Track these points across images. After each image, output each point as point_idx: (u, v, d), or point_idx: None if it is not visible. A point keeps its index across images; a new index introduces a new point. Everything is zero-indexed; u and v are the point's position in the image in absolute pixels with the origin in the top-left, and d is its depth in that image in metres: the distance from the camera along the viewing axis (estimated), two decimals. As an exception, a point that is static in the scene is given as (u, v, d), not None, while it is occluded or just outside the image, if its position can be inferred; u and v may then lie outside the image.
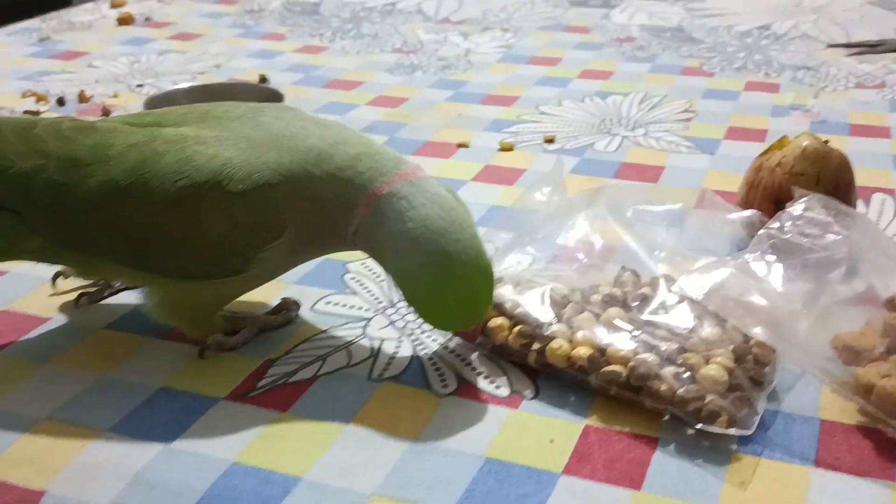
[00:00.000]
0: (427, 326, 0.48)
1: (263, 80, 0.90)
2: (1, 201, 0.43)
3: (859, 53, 0.99)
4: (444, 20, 1.15)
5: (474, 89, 0.90)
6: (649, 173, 0.69)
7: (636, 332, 0.43)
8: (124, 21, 1.11)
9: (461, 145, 0.75)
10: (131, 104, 0.84)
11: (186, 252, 0.42)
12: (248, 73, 0.94)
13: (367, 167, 0.42)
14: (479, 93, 0.89)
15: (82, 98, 0.84)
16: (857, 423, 0.41)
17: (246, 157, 0.42)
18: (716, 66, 0.95)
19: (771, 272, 0.46)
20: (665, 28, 1.10)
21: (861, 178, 0.67)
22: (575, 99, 0.86)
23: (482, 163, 0.72)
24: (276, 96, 0.70)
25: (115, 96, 0.86)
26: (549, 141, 0.76)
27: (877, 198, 0.64)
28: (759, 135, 0.76)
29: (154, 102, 0.71)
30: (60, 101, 0.84)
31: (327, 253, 0.48)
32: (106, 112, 0.81)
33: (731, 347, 0.42)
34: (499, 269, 0.51)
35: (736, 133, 0.77)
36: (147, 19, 1.14)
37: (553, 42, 1.06)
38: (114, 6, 1.19)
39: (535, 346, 0.44)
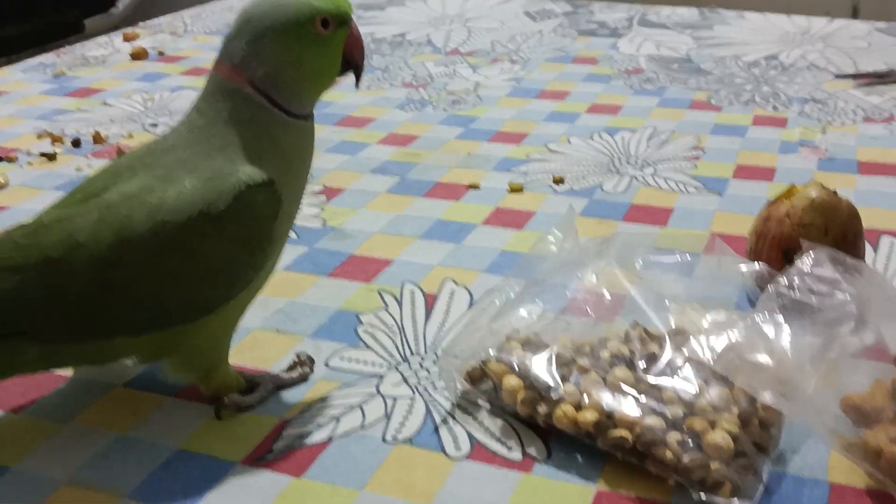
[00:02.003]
0: (439, 383, 0.49)
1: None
2: None
3: (867, 84, 1.00)
4: (454, 51, 1.16)
5: (484, 125, 0.91)
6: (658, 216, 0.70)
7: (642, 397, 0.43)
8: (138, 56, 1.12)
9: (471, 186, 0.76)
10: (145, 145, 0.85)
11: (198, 288, 0.43)
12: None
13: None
14: (488, 129, 0.90)
15: (97, 139, 0.85)
16: (867, 486, 0.42)
17: (204, 177, 0.42)
18: (723, 99, 0.96)
19: (780, 332, 0.46)
20: (673, 59, 1.11)
21: (869, 220, 0.67)
22: (583, 135, 0.87)
23: (492, 205, 0.73)
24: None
25: (130, 136, 0.87)
26: (559, 181, 0.76)
27: (885, 241, 0.65)
28: (768, 174, 0.77)
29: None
30: (76, 143, 0.85)
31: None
32: (121, 153, 0.82)
33: (737, 411, 0.43)
34: (509, 323, 0.51)
35: (744, 172, 0.77)
36: (160, 53, 1.15)
37: (562, 75, 1.07)
38: (126, 39, 1.21)
39: (543, 409, 0.44)
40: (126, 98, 0.99)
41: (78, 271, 0.41)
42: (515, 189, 0.75)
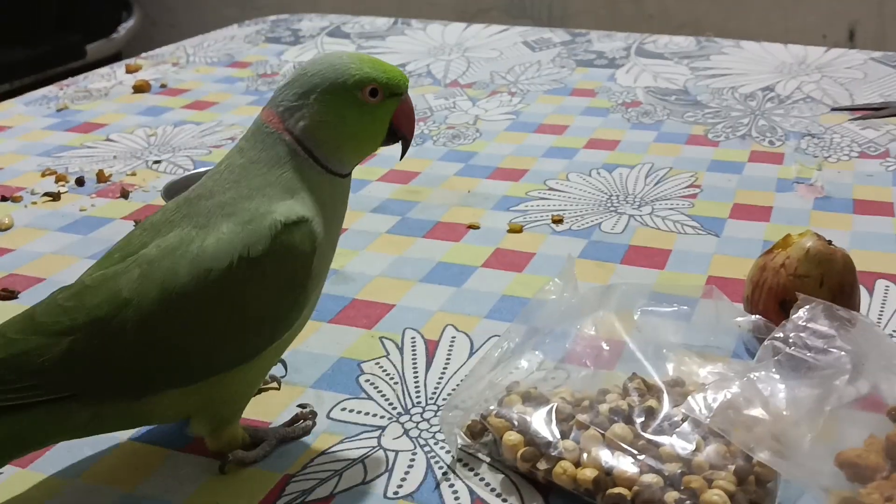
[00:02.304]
0: (440, 436, 0.50)
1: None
2: (45, 394, 0.42)
3: (863, 118, 1.01)
4: (454, 83, 1.18)
5: (483, 161, 0.92)
6: (656, 258, 0.71)
7: (640, 454, 0.44)
8: (140, 89, 1.13)
9: (471, 227, 0.77)
10: (149, 182, 0.86)
11: (244, 334, 0.44)
12: (261, 145, 0.96)
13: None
14: (488, 165, 0.90)
15: (101, 177, 0.86)
16: (862, 542, 0.42)
17: (241, 220, 0.43)
18: (720, 133, 0.97)
19: (776, 387, 0.47)
20: (670, 91, 1.12)
21: (864, 263, 0.68)
22: (582, 172, 0.88)
23: (492, 245, 0.73)
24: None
25: (133, 174, 0.88)
26: (557, 221, 0.77)
27: (880, 285, 0.66)
28: (764, 213, 0.78)
29: (172, 188, 0.73)
30: (80, 182, 0.86)
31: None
32: (124, 193, 0.83)
33: (734, 468, 0.43)
34: (509, 374, 0.52)
35: (741, 211, 0.78)
36: (162, 86, 1.16)
37: (560, 108, 1.08)
38: (129, 71, 1.22)
39: (543, 465, 0.45)
40: (129, 133, 1.00)
41: (126, 328, 0.42)
42: (515, 229, 0.76)
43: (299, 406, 0.52)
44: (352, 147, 0.47)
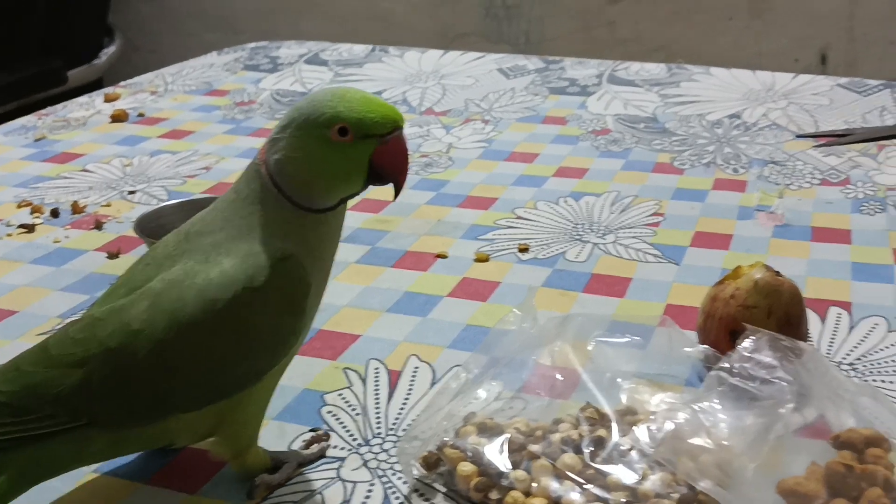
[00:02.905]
0: (398, 466, 0.51)
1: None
2: (63, 423, 0.44)
3: (827, 144, 1.03)
4: (428, 111, 1.20)
5: (454, 189, 0.93)
6: (617, 286, 0.72)
7: (588, 484, 0.45)
8: (118, 118, 1.15)
9: (440, 256, 0.78)
10: (123, 213, 0.88)
11: (249, 358, 0.46)
12: (236, 175, 0.97)
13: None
14: (458, 194, 0.92)
15: (76, 209, 0.87)
16: (800, 569, 0.44)
17: (239, 255, 0.45)
18: (686, 161, 0.99)
19: (721, 416, 0.49)
20: (639, 118, 1.14)
21: (819, 291, 0.71)
22: (550, 200, 0.90)
23: (458, 275, 0.75)
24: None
25: (108, 205, 0.90)
26: (524, 250, 0.79)
27: (832, 312, 0.68)
28: (724, 241, 0.80)
29: (144, 221, 0.74)
30: (55, 213, 0.87)
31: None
32: (98, 224, 0.84)
33: (678, 497, 0.45)
34: (468, 405, 0.54)
35: (702, 239, 0.80)
36: (140, 115, 1.18)
37: (532, 135, 1.10)
38: (108, 100, 1.23)
39: (494, 495, 0.46)
40: (105, 163, 1.01)
41: (137, 357, 0.44)
42: (482, 259, 0.78)
43: (311, 430, 0.54)
44: (322, 185, 0.47)
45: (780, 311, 0.57)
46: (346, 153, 0.46)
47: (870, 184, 0.91)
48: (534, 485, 0.46)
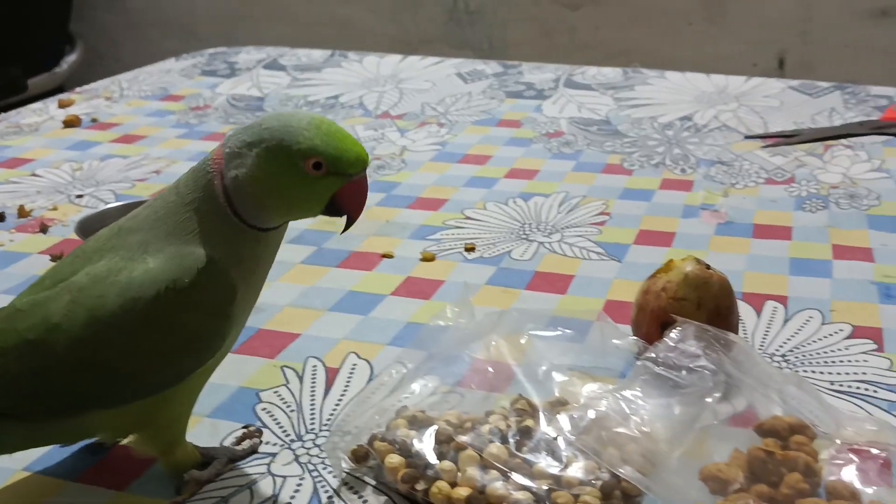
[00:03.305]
0: (329, 461, 0.51)
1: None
2: None
3: (774, 145, 1.05)
4: (384, 114, 1.20)
5: (405, 192, 0.94)
6: (559, 283, 0.73)
7: (513, 473, 0.46)
8: (70, 123, 1.14)
9: (385, 256, 0.79)
10: (69, 216, 0.87)
11: (170, 359, 0.46)
12: (187, 178, 0.97)
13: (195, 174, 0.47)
14: (409, 195, 0.93)
15: (21, 213, 0.87)
16: (720, 553, 0.45)
17: (166, 256, 0.45)
18: (635, 162, 1.00)
19: (644, 405, 0.49)
20: (593, 121, 1.15)
21: (757, 285, 0.72)
22: (499, 201, 0.91)
23: (403, 274, 0.75)
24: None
25: (55, 209, 0.89)
26: (470, 249, 0.80)
27: (769, 306, 0.69)
28: (667, 238, 0.81)
29: (87, 223, 0.74)
30: (1, 217, 0.86)
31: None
32: (43, 228, 0.84)
33: (600, 484, 0.45)
34: (403, 399, 0.54)
35: (645, 237, 0.81)
36: (93, 120, 1.17)
37: (486, 138, 1.10)
38: (62, 106, 1.23)
39: (421, 486, 0.47)
40: (55, 168, 1.01)
41: (56, 351, 0.44)
42: (427, 258, 0.78)
43: (244, 427, 0.54)
44: (279, 210, 0.46)
45: (709, 303, 0.58)
46: (314, 186, 0.46)
47: (814, 182, 0.93)
48: (459, 475, 0.47)
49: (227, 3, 2.30)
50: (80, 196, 0.92)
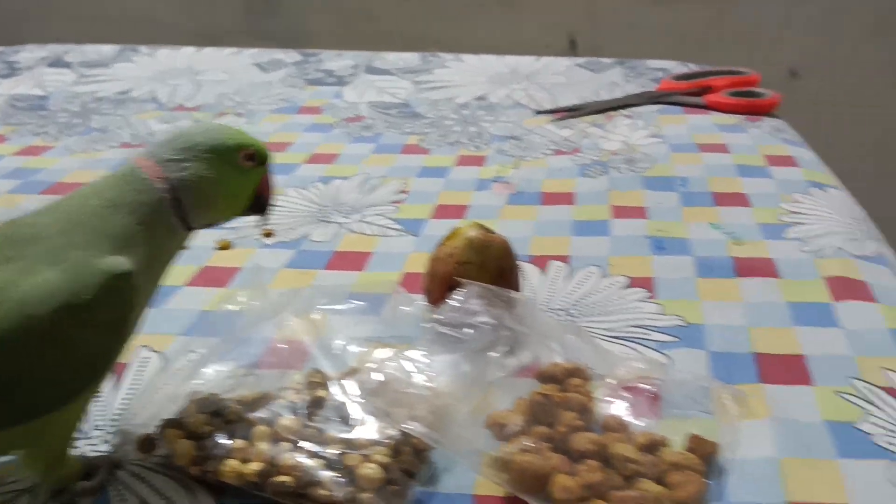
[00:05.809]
0: (117, 454, 0.50)
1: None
2: None
3: (562, 118, 1.11)
4: (179, 107, 1.17)
5: (202, 183, 0.92)
6: (358, 261, 0.74)
7: (304, 443, 0.46)
8: None
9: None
10: None
11: (68, 376, 0.43)
12: (-40, 183, 0.90)
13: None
14: (205, 186, 0.91)
15: None
16: (507, 494, 0.47)
17: (66, 268, 0.43)
18: (433, 142, 1.03)
19: (432, 363, 0.51)
20: (392, 104, 1.17)
21: (542, 248, 0.76)
22: (299, 186, 0.90)
23: (198, 264, 0.74)
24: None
25: None
26: (268, 235, 0.79)
27: (553, 265, 0.73)
28: (461, 211, 0.84)
29: None
30: None
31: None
32: None
33: (392, 443, 0.47)
34: (192, 385, 0.53)
35: (441, 211, 0.84)
36: None
37: (285, 126, 1.10)
38: None
39: (212, 466, 0.46)
40: None
41: None
42: (224, 246, 0.77)
43: None
44: (220, 206, 0.50)
45: (491, 265, 0.61)
46: (248, 177, 0.50)
47: (596, 150, 0.99)
48: (251, 449, 0.47)
49: (8, 1, 2.15)
50: None
